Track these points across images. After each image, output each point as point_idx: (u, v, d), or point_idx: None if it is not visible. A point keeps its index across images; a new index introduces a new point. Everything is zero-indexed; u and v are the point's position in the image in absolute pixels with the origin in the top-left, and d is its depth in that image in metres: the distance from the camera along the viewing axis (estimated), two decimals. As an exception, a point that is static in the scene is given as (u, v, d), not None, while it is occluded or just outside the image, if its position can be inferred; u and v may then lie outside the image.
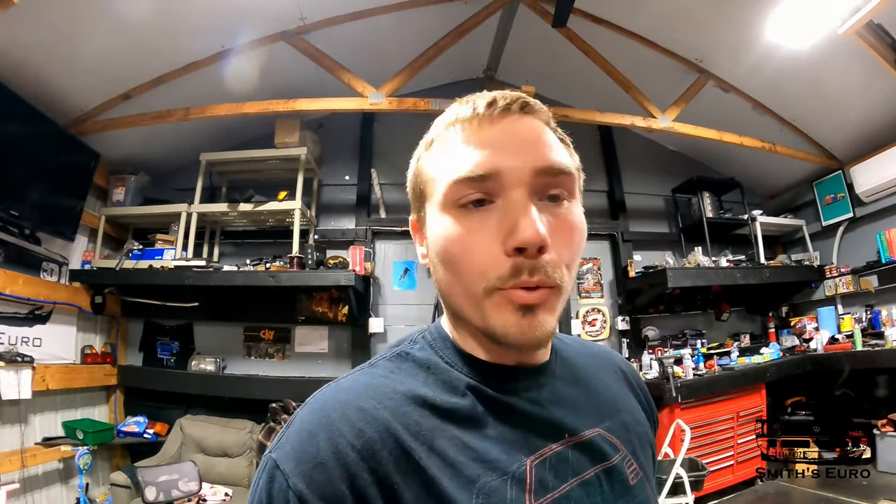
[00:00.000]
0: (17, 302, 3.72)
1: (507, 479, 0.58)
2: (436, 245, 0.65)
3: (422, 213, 0.71)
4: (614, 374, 0.86)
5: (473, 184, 0.61)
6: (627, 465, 0.71)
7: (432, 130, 0.71)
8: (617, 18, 4.52)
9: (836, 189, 5.09)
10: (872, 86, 4.19)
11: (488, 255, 0.60)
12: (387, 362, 0.67)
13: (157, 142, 4.67)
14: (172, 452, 4.19)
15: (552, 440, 0.65)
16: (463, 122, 0.65)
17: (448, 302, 0.68)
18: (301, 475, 0.52)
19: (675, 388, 4.26)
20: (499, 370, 0.67)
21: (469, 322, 0.65)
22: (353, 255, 4.64)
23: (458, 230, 0.61)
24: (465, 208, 0.62)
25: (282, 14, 3.99)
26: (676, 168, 5.75)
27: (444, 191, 0.63)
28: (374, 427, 0.56)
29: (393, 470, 0.54)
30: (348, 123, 5.32)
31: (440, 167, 0.65)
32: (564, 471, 0.63)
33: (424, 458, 0.56)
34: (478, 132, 0.63)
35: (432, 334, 0.72)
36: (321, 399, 0.60)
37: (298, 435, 0.56)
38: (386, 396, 0.60)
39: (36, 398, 3.71)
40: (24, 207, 3.66)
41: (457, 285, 0.63)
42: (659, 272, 4.73)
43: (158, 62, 4.00)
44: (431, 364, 0.67)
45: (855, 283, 4.83)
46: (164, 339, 4.81)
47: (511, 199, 0.60)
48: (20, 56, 3.37)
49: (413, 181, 0.72)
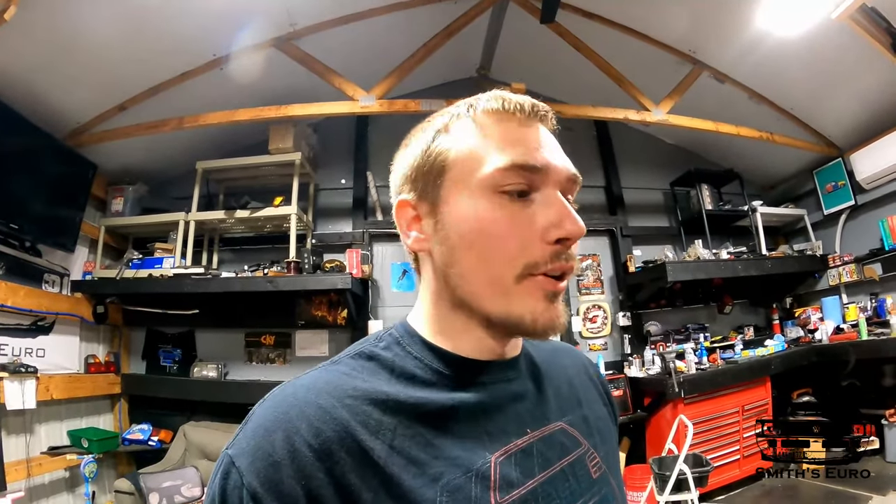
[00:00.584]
0: (19, 313, 3.78)
1: (471, 476, 0.59)
2: (463, 226, 0.64)
3: (431, 195, 0.68)
4: (574, 369, 0.86)
5: (524, 173, 0.63)
6: (590, 459, 0.72)
7: (452, 111, 0.71)
8: (607, 12, 4.50)
9: (836, 177, 5.01)
10: (869, 71, 4.12)
11: (528, 241, 0.62)
12: (350, 359, 0.67)
13: (153, 152, 4.72)
14: (176, 459, 4.24)
15: (516, 436, 0.65)
16: (505, 114, 0.67)
17: (460, 288, 0.66)
18: (256, 473, 0.52)
19: (678, 383, 4.23)
20: (469, 364, 0.68)
21: (482, 310, 0.65)
22: (349, 258, 4.65)
23: (498, 214, 0.63)
24: (507, 195, 0.63)
25: (272, 21, 4.03)
26: (674, 161, 5.69)
27: (487, 173, 0.63)
28: (332, 426, 0.56)
29: (351, 470, 0.54)
30: (342, 127, 5.34)
31: (482, 149, 0.65)
32: (530, 466, 0.64)
33: (384, 457, 0.56)
34: (524, 128, 0.67)
35: (399, 331, 0.72)
36: (280, 395, 0.60)
37: (255, 432, 0.56)
38: (346, 395, 0.59)
39: (41, 408, 3.76)
40: (24, 220, 3.73)
41: (483, 269, 0.63)
42: (658, 266, 4.69)
43: (152, 73, 4.06)
44: (397, 360, 0.67)
45: (858, 271, 4.75)
46: (167, 346, 4.86)
47: (552, 195, 0.64)
48: (15, 71, 3.43)
49: (422, 160, 0.69)
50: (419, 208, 0.70)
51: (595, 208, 5.54)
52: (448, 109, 0.71)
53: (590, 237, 5.43)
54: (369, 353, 0.67)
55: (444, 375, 0.66)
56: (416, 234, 0.70)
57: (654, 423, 4.65)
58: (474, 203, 0.64)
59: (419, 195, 0.70)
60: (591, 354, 5.12)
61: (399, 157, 0.74)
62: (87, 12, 3.26)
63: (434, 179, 0.68)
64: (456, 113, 0.70)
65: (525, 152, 0.64)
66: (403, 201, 0.71)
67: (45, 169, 3.85)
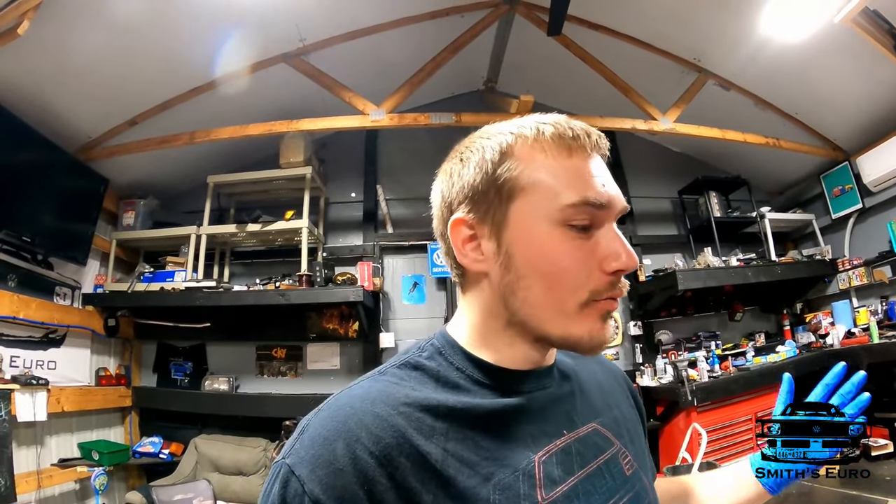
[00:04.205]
0: (31, 326, 3.81)
1: (518, 474, 0.62)
2: (532, 257, 0.66)
3: (494, 217, 0.69)
4: (604, 374, 0.91)
5: (591, 209, 0.66)
6: (623, 457, 0.76)
7: (518, 134, 0.70)
8: (612, 23, 4.55)
9: (843, 181, 5.00)
10: (873, 74, 4.13)
11: (590, 272, 0.65)
12: (396, 370, 0.69)
13: (164, 166, 4.77)
14: (187, 472, 4.22)
15: (555, 437, 0.69)
16: (574, 144, 0.68)
17: (520, 310, 0.68)
18: (318, 481, 0.54)
19: (690, 392, 4.21)
20: (508, 374, 0.71)
21: (540, 332, 0.68)
22: (361, 271, 4.68)
23: (567, 247, 0.65)
24: (573, 228, 0.65)
25: (282, 36, 4.08)
26: (682, 169, 5.71)
27: (560, 206, 0.65)
28: (390, 433, 0.58)
29: (411, 474, 0.56)
30: (352, 141, 5.38)
31: (552, 182, 0.66)
32: (570, 465, 0.67)
33: (440, 460, 0.58)
34: (590, 161, 0.69)
35: (440, 341, 0.74)
36: (335, 406, 0.62)
37: (313, 441, 0.57)
38: (400, 403, 0.61)
39: (51, 420, 3.77)
40: (36, 233, 3.77)
41: (549, 298, 0.66)
42: (669, 275, 4.69)
43: (162, 88, 4.12)
44: (441, 370, 0.69)
45: (868, 274, 4.72)
46: (178, 359, 4.87)
47: (611, 229, 0.68)
48: (29, 86, 3.48)
49: (483, 179, 0.69)
50: (477, 229, 0.70)
51: (603, 218, 5.52)
52: (507, 127, 0.71)
53: (599, 247, 5.42)
54: (415, 364, 0.70)
55: (485, 385, 0.69)
56: (475, 256, 0.71)
57: (667, 433, 4.61)
58: (544, 235, 0.66)
59: (479, 216, 0.70)
60: (603, 364, 5.09)
61: (452, 170, 0.73)
62: (99, 28, 3.32)
63: (500, 204, 0.68)
64: (519, 134, 0.69)
65: (592, 189, 0.66)
66: (459, 220, 0.71)
67: (58, 183, 3.90)
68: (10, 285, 3.72)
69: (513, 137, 0.69)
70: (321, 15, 4.03)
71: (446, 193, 0.73)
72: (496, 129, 0.72)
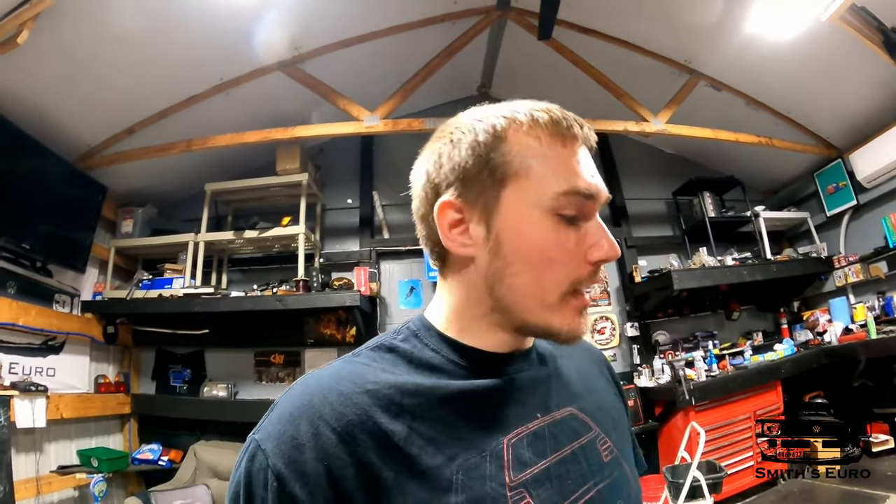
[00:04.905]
0: (30, 333, 3.82)
1: (485, 455, 0.62)
2: (523, 245, 0.65)
3: (485, 202, 0.67)
4: (585, 360, 0.90)
5: (580, 199, 0.66)
6: (601, 443, 0.75)
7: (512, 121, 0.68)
8: (602, 27, 4.59)
9: (837, 178, 5.02)
10: (863, 70, 4.16)
11: (576, 262, 0.66)
12: (370, 352, 0.70)
13: (162, 174, 4.81)
14: (186, 478, 4.21)
15: (527, 420, 0.68)
16: (567, 135, 0.68)
17: (505, 297, 0.67)
18: (280, 455, 0.55)
19: (688, 391, 4.21)
20: (484, 356, 0.71)
21: (521, 320, 0.68)
22: (357, 276, 4.71)
23: (558, 237, 0.65)
24: (562, 218, 0.65)
25: (277, 45, 4.12)
26: (675, 170, 5.73)
27: (551, 195, 0.65)
28: (353, 410, 0.59)
29: (372, 451, 0.57)
30: (348, 148, 5.44)
31: (545, 169, 0.66)
32: (542, 448, 0.67)
33: (404, 438, 0.59)
34: (580, 152, 0.69)
35: (416, 325, 0.74)
36: (304, 384, 0.63)
37: (280, 417, 0.59)
38: (367, 381, 0.62)
39: (51, 427, 3.76)
40: (35, 241, 3.79)
41: (535, 286, 0.66)
42: (664, 275, 4.70)
43: (160, 96, 4.16)
44: (415, 352, 0.69)
45: (864, 270, 4.72)
46: (177, 366, 4.88)
47: (597, 222, 0.68)
48: (28, 96, 3.52)
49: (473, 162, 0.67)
50: (466, 213, 0.68)
51: (599, 220, 5.55)
52: (500, 111, 0.69)
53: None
54: (389, 346, 0.71)
55: (461, 366, 0.69)
56: (462, 240, 0.69)
57: (665, 433, 4.62)
58: (535, 223, 0.65)
59: (469, 200, 0.68)
60: (601, 366, 5.09)
61: (441, 150, 0.71)
62: (97, 37, 3.37)
63: (492, 189, 0.67)
64: (513, 118, 0.68)
65: (582, 179, 0.66)
66: (447, 202, 0.68)
67: (56, 191, 3.93)
68: (10, 292, 3.74)
69: (506, 121, 0.68)
70: (316, 23, 4.09)
71: (433, 174, 0.71)
72: (487, 111, 0.70)
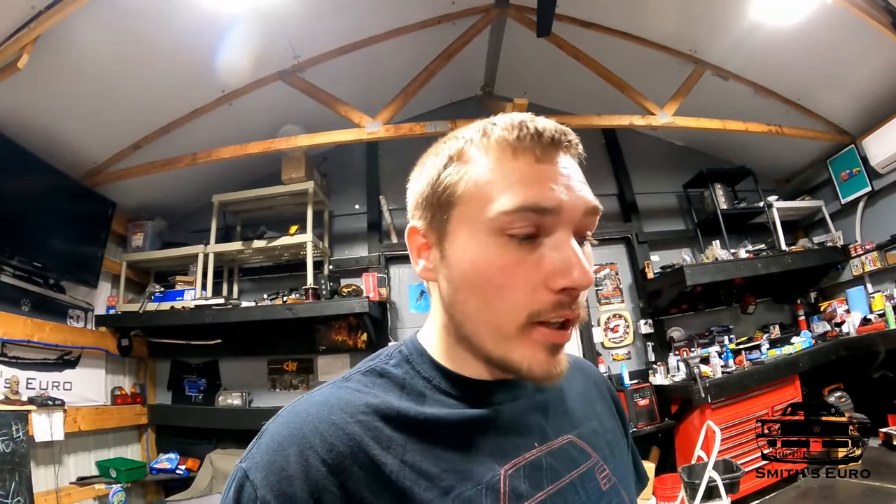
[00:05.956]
0: (46, 348, 3.91)
1: (481, 488, 0.59)
2: (469, 269, 0.62)
3: (439, 226, 0.66)
4: (584, 384, 0.87)
5: (533, 216, 0.59)
6: (599, 471, 0.72)
7: (464, 137, 0.67)
8: (604, 20, 4.55)
9: (850, 164, 4.89)
10: (872, 53, 4.05)
11: (532, 288, 0.60)
12: (361, 376, 0.68)
13: (170, 187, 4.88)
14: (203, 486, 4.27)
15: (524, 450, 0.66)
16: (519, 146, 0.62)
17: (462, 326, 0.65)
18: (269, 486, 0.54)
19: (704, 389, 4.14)
20: (475, 384, 0.69)
21: (482, 351, 0.64)
22: (366, 282, 4.72)
23: (504, 260, 0.60)
24: (513, 238, 0.60)
25: (276, 55, 4.16)
26: (685, 163, 5.63)
27: (494, 216, 0.60)
28: (345, 441, 0.57)
29: (363, 484, 0.56)
30: (353, 153, 5.46)
31: (490, 187, 0.62)
32: (539, 479, 0.64)
33: (396, 471, 0.57)
34: (538, 163, 0.62)
35: (409, 349, 0.73)
36: (293, 412, 0.61)
37: (269, 446, 0.57)
38: (359, 411, 0.61)
39: (69, 439, 3.85)
40: (47, 258, 3.88)
41: (485, 314, 0.62)
42: (677, 270, 4.62)
43: (164, 111, 4.22)
44: (407, 379, 0.68)
45: (881, 258, 4.59)
46: (191, 376, 4.95)
47: (562, 239, 0.61)
48: (31, 115, 3.59)
49: (430, 190, 0.67)
50: (428, 237, 0.69)
51: (609, 216, 5.50)
52: (463, 133, 0.68)
53: (606, 245, 5.41)
54: (380, 371, 0.69)
55: (452, 395, 0.67)
56: (424, 263, 0.69)
57: (682, 431, 4.55)
58: (479, 246, 0.61)
59: (427, 224, 0.68)
60: (615, 365, 5.05)
61: (413, 177, 0.73)
62: (98, 55, 3.42)
63: (441, 213, 0.66)
64: (469, 138, 0.66)
65: (536, 193, 0.60)
66: (413, 228, 0.70)
67: (66, 208, 4.02)
68: (24, 309, 3.83)
69: (464, 142, 0.66)
70: (314, 31, 4.11)
71: (408, 198, 0.73)
72: (462, 131, 0.68)
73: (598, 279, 5.32)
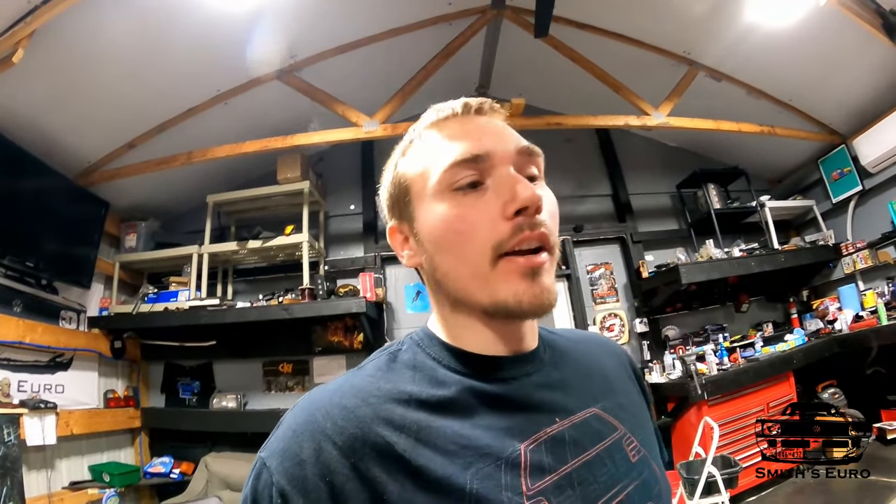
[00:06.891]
0: (37, 350, 3.83)
1: (500, 464, 0.59)
2: (433, 232, 0.68)
3: (406, 215, 0.73)
4: (607, 357, 0.87)
5: (469, 165, 0.66)
6: (627, 443, 0.72)
7: (407, 138, 0.76)
8: (599, 22, 4.58)
9: (841, 164, 4.98)
10: (863, 54, 4.13)
11: (490, 223, 0.64)
12: (374, 364, 0.70)
13: (164, 187, 4.82)
14: (198, 490, 4.21)
15: (546, 425, 0.66)
16: (442, 121, 0.72)
17: (449, 288, 0.69)
18: (284, 472, 0.56)
19: (700, 386, 4.16)
20: (488, 361, 0.69)
21: (475, 304, 0.67)
22: (363, 282, 4.69)
23: (457, 210, 0.66)
24: (461, 191, 0.66)
25: (273, 54, 4.13)
26: (679, 163, 5.69)
27: (438, 178, 0.67)
28: (356, 424, 0.58)
29: (375, 464, 0.56)
30: (349, 154, 5.43)
31: (429, 160, 0.69)
32: (562, 453, 0.64)
33: (409, 449, 0.58)
34: (461, 126, 0.71)
35: (419, 335, 0.75)
36: (308, 400, 0.63)
37: (284, 434, 0.59)
38: (370, 395, 0.62)
39: (61, 443, 3.78)
40: (39, 258, 3.81)
41: (461, 265, 0.66)
42: (672, 269, 4.65)
43: (159, 110, 4.19)
44: (418, 361, 0.69)
45: (873, 256, 4.68)
46: (185, 379, 4.88)
47: (503, 174, 0.66)
48: (26, 113, 3.54)
49: (392, 188, 0.75)
50: (402, 230, 0.75)
51: (604, 216, 5.57)
52: (406, 135, 0.77)
53: (600, 245, 5.46)
54: (392, 356, 0.71)
55: (462, 374, 0.67)
56: (407, 253, 0.75)
57: (679, 428, 4.56)
58: (435, 209, 0.67)
59: (399, 219, 0.75)
60: (611, 363, 5.06)
61: (381, 186, 0.80)
62: (94, 53, 3.39)
63: (403, 202, 0.73)
64: (409, 138, 0.76)
65: (464, 146, 0.67)
66: (392, 228, 0.77)
67: (59, 208, 3.95)
68: (16, 310, 3.76)
69: (407, 141, 0.76)
70: (311, 30, 4.11)
71: (381, 205, 0.80)
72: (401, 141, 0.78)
73: (593, 279, 5.36)
